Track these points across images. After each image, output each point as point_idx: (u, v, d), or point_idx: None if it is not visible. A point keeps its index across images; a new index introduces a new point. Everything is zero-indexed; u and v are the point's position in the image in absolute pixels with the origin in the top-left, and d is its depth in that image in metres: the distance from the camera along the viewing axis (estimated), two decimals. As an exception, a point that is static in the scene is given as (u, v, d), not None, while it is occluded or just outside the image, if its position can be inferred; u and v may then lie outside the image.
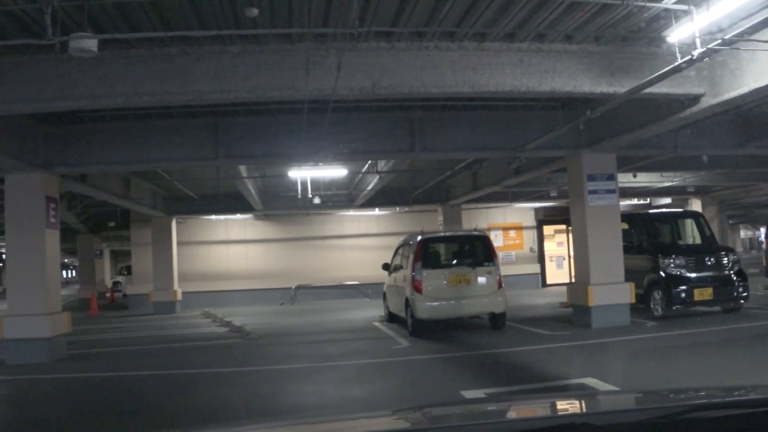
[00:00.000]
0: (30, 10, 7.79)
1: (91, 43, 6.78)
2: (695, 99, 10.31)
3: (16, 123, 11.91)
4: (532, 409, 2.88)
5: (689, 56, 7.87)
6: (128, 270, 37.11)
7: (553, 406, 2.91)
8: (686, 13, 7.91)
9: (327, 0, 7.91)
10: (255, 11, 7.57)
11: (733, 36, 7.58)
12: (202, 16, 8.54)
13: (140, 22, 8.57)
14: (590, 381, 8.51)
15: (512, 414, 2.72)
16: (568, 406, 2.89)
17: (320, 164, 15.95)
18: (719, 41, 7.55)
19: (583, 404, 2.88)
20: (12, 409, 9.49)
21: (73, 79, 9.11)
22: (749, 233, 65.75)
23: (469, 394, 8.23)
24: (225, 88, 9.22)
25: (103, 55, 8.15)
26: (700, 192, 27.35)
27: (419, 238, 14.90)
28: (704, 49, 7.75)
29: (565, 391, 8.22)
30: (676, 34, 8.44)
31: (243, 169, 16.63)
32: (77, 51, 6.84)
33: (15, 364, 12.28)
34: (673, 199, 28.35)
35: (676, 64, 8.20)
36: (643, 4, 7.88)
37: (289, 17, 8.76)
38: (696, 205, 28.11)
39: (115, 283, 39.02)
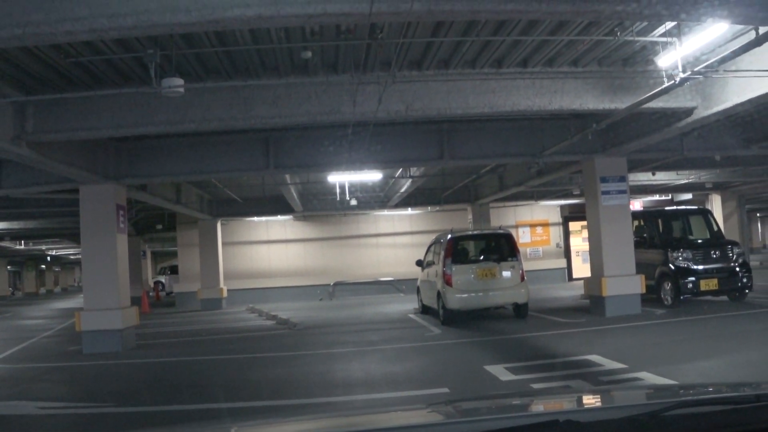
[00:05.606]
0: (116, 50, 9.21)
1: (181, 89, 8.37)
2: (689, 111, 11.65)
3: (92, 141, 13.36)
4: (518, 406, 2.95)
5: (673, 81, 9.28)
6: (171, 270, 38.60)
7: (538, 403, 3.07)
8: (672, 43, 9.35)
9: (367, 44, 9.33)
10: (309, 54, 9.14)
11: (703, 67, 8.92)
12: (263, 55, 10.06)
13: (211, 61, 10.08)
14: (594, 357, 9.93)
15: (496, 411, 2.69)
16: (551, 403, 3.00)
17: (358, 170, 17.22)
18: (689, 73, 8.92)
19: (569, 401, 3.04)
20: (109, 384, 10.94)
21: (152, 108, 10.65)
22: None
23: (490, 368, 9.69)
24: (281, 114, 10.70)
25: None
26: (719, 187, 27.79)
27: (449, 236, 16.19)
28: (686, 75, 9.13)
29: (569, 370, 9.53)
30: (664, 60, 9.88)
31: (288, 176, 18.04)
32: (168, 91, 8.41)
33: (92, 352, 13.72)
34: (693, 195, 28.93)
35: (663, 87, 9.62)
36: (632, 38, 9.31)
37: (336, 52, 10.21)
38: (716, 201, 28.68)
39: (157, 283, 40.44)
